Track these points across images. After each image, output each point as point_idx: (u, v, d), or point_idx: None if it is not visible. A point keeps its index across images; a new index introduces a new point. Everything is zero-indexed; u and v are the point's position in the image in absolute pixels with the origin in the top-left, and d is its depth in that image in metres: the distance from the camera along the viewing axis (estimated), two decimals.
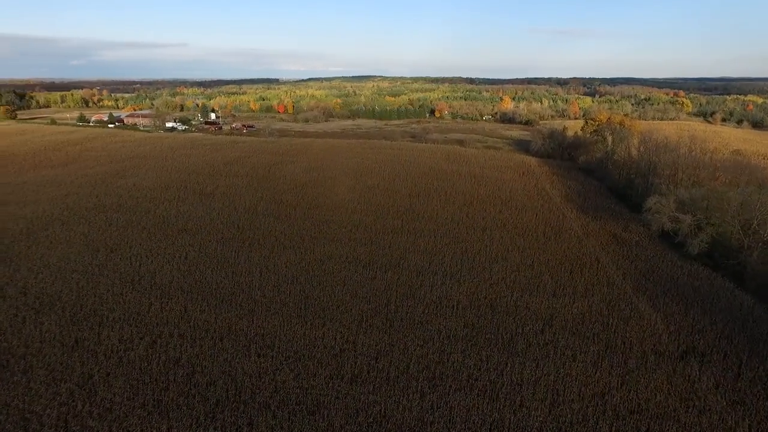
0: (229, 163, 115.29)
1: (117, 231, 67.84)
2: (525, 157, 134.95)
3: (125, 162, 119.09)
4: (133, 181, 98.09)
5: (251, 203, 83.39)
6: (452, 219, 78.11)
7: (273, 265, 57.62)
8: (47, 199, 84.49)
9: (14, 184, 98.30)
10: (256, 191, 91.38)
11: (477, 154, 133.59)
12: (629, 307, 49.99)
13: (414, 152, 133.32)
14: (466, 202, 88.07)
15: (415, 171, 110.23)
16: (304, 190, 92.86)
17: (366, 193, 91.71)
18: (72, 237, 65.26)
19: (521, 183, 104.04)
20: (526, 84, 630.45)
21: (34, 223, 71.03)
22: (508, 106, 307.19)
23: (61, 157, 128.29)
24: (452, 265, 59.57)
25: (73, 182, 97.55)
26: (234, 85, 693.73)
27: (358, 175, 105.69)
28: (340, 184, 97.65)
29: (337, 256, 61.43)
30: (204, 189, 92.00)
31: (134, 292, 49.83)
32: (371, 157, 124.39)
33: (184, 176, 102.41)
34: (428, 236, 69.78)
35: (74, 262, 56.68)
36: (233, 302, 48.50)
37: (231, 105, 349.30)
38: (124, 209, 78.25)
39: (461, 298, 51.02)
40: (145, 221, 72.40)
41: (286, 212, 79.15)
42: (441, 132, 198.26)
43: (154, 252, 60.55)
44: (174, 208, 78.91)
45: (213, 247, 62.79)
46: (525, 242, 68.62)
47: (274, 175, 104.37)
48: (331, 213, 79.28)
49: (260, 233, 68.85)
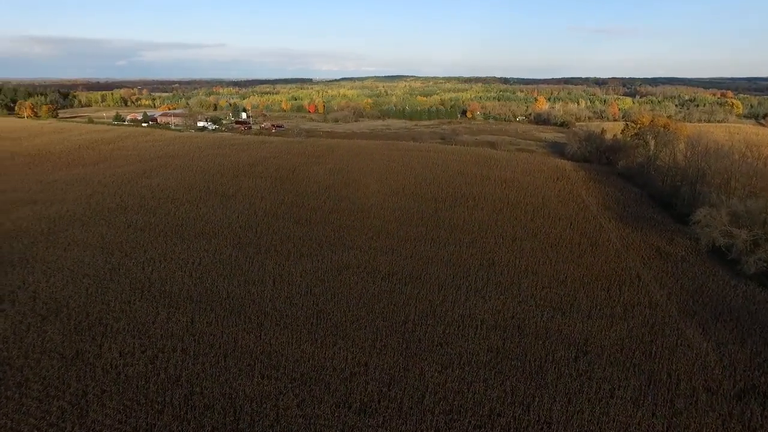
0: (254, 164, 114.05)
1: (134, 233, 66.74)
2: (559, 161, 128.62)
3: (153, 161, 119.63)
4: (158, 181, 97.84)
5: (272, 206, 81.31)
6: (479, 227, 73.78)
7: (287, 274, 54.94)
8: (73, 198, 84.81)
9: (46, 182, 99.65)
10: (278, 193, 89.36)
11: (508, 157, 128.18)
12: (675, 334, 44.77)
13: (442, 155, 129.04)
14: (495, 208, 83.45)
15: (443, 175, 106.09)
16: (327, 193, 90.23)
17: (390, 197, 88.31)
18: (90, 239, 64.49)
19: (555, 189, 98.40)
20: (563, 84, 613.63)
21: (56, 224, 70.88)
22: (542, 106, 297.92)
23: (93, 156, 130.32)
24: (477, 278, 55.43)
25: (100, 182, 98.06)
26: (268, 84, 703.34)
27: (383, 178, 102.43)
28: (364, 188, 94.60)
29: (355, 265, 58.25)
30: (226, 190, 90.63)
31: (142, 300, 48.00)
32: (398, 160, 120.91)
33: (208, 177, 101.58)
34: (453, 246, 65.77)
35: (87, 266, 55.55)
36: (242, 314, 45.95)
37: (263, 104, 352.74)
38: (144, 210, 77.46)
39: (486, 317, 46.95)
40: (164, 224, 71.18)
41: (306, 216, 76.61)
42: (471, 133, 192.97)
43: (168, 257, 58.90)
44: (194, 210, 77.60)
45: (228, 253, 60.69)
46: (558, 255, 63.69)
47: (298, 177, 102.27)
48: (353, 218, 76.25)
49: (278, 238, 66.45)
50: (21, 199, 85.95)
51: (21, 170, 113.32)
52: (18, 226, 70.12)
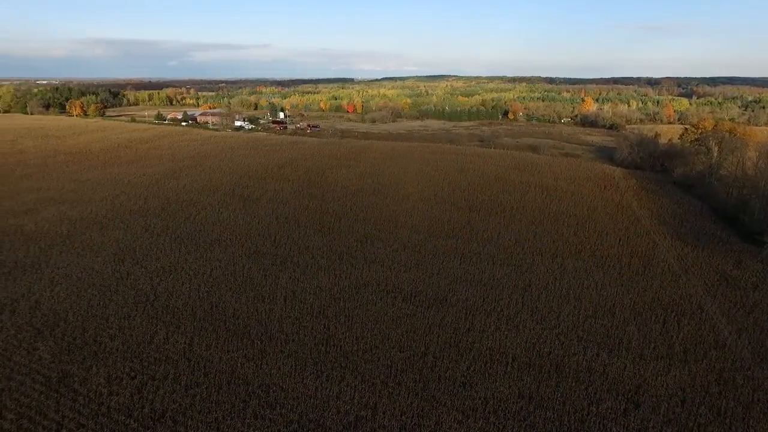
0: (283, 166, 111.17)
1: (150, 239, 64.38)
2: (608, 167, 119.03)
3: (185, 161, 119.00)
4: (185, 182, 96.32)
5: (295, 212, 77.56)
6: (516, 241, 67.21)
7: (300, 291, 50.60)
8: (99, 199, 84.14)
9: (79, 181, 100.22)
10: (303, 198, 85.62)
11: (551, 163, 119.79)
12: (750, 385, 37.25)
13: (480, 158, 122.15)
14: (535, 220, 76.44)
15: (479, 180, 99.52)
16: (354, 199, 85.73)
17: (420, 204, 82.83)
18: (105, 243, 62.56)
19: (602, 199, 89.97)
20: (611, 84, 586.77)
21: (76, 226, 69.73)
22: (590, 107, 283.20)
23: (129, 155, 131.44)
24: (511, 303, 49.25)
25: (129, 182, 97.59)
26: (310, 84, 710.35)
27: (414, 183, 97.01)
28: (394, 194, 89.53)
29: (375, 282, 53.26)
30: (251, 194, 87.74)
31: (143, 316, 44.79)
32: (432, 163, 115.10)
33: (235, 178, 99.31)
34: (486, 262, 59.65)
35: (96, 274, 53.21)
36: (246, 337, 41.87)
37: (302, 104, 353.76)
38: (165, 214, 75.40)
39: (518, 352, 40.87)
40: (182, 229, 68.62)
41: (329, 224, 72.30)
42: (512, 136, 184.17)
43: (178, 266, 55.85)
44: (214, 215, 74.84)
45: (241, 264, 57.05)
46: (605, 277, 56.44)
47: (326, 181, 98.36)
48: (379, 228, 71.33)
49: (296, 249, 62.37)
50: (51, 198, 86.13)
51: (60, 168, 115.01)
52: (40, 228, 69.38)
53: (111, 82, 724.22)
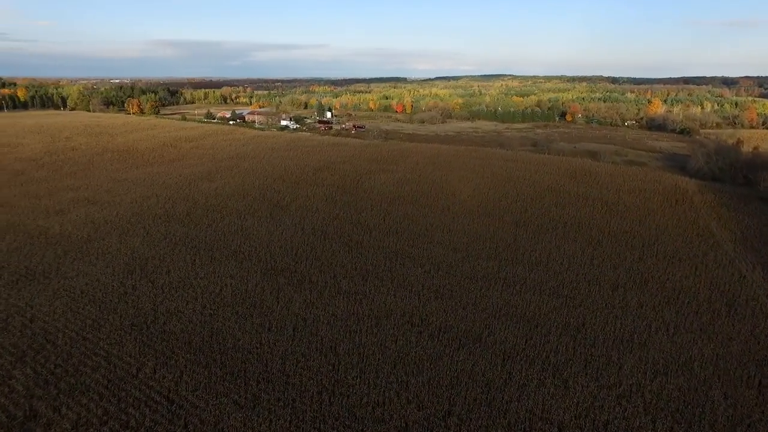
0: (320, 169, 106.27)
1: (166, 248, 60.62)
2: (679, 179, 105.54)
3: (223, 162, 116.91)
4: (217, 185, 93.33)
5: (324, 222, 71.93)
6: (569, 265, 58.12)
7: (313, 319, 44.53)
8: (129, 201, 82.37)
9: (117, 181, 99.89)
10: (335, 206, 79.93)
11: (613, 172, 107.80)
12: None
13: (532, 165, 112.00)
14: (592, 240, 66.71)
15: (529, 191, 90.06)
16: (389, 208, 79.10)
17: (461, 217, 74.96)
18: (120, 251, 59.40)
19: (673, 216, 78.28)
20: (681, 84, 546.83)
21: (98, 230, 67.47)
22: (657, 109, 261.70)
23: (171, 154, 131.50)
24: (559, 348, 40.86)
25: (164, 183, 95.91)
26: (363, 83, 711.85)
27: (457, 191, 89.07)
28: (433, 204, 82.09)
29: (400, 311, 46.34)
30: (281, 199, 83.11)
31: (135, 342, 40.20)
32: (477, 170, 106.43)
33: (268, 182, 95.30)
34: (531, 291, 51.24)
35: (100, 288, 49.62)
36: (240, 377, 36.16)
37: (351, 103, 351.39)
38: (188, 219, 71.94)
39: (567, 420, 32.71)
40: (201, 237, 64.59)
41: (358, 238, 66.05)
42: (569, 140, 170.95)
43: (187, 282, 51.35)
44: (238, 223, 70.50)
45: (255, 282, 51.80)
46: (678, 317, 46.62)
47: (362, 187, 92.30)
48: (412, 243, 64.30)
49: (317, 266, 56.49)
50: (86, 198, 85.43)
51: (104, 167, 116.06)
52: (63, 230, 67.64)
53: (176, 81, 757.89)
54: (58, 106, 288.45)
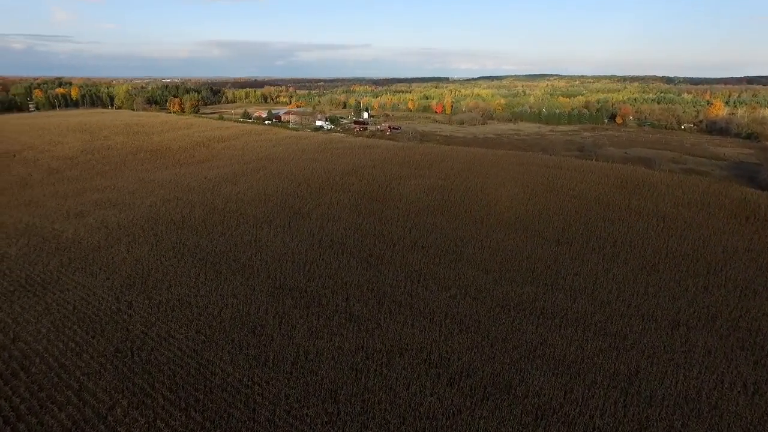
0: (347, 174, 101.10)
1: (173, 260, 56.79)
2: (749, 191, 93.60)
3: (250, 164, 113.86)
4: (239, 188, 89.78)
5: (344, 233, 66.51)
6: (619, 294, 50.13)
7: (315, 353, 38.99)
8: (149, 204, 79.93)
9: (143, 182, 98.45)
10: (359, 215, 74.40)
11: (670, 182, 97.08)
12: None
13: (577, 173, 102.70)
14: (647, 264, 58.10)
15: (573, 203, 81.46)
16: (417, 219, 72.85)
17: (495, 231, 67.74)
18: (125, 261, 56.05)
19: (744, 237, 68.05)
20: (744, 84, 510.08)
21: (110, 236, 64.76)
22: (719, 112, 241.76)
23: (202, 154, 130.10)
24: (607, 407, 33.50)
25: (187, 185, 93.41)
26: (404, 83, 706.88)
27: (492, 201, 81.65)
28: (465, 214, 75.15)
29: (416, 347, 40.14)
30: (303, 207, 78.37)
31: (112, 374, 35.86)
32: (517, 177, 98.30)
33: (292, 186, 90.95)
34: (573, 326, 43.83)
35: (93, 304, 46.02)
36: (219, 428, 31.02)
37: (390, 103, 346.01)
38: (202, 227, 68.24)
39: None
40: (211, 248, 60.49)
41: (380, 252, 60.21)
42: (619, 145, 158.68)
43: (186, 301, 47.03)
44: (253, 233, 66.08)
45: (258, 303, 46.86)
46: (757, 369, 38.12)
47: (390, 194, 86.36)
48: (438, 260, 57.84)
49: (330, 285, 51.05)
50: (108, 200, 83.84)
51: (135, 166, 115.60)
52: (77, 235, 65.40)
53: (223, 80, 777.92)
54: (106, 104, 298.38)
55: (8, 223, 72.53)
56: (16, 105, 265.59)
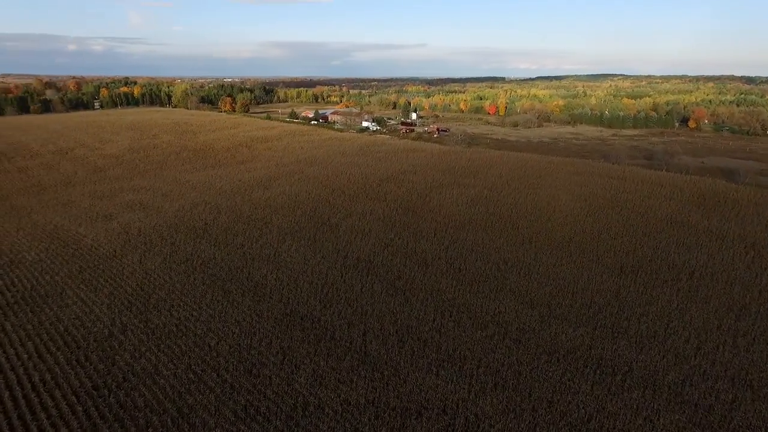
0: (386, 180, 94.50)
1: (182, 275, 52.34)
2: None
3: (288, 167, 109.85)
4: (271, 194, 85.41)
5: (372, 250, 59.92)
6: (699, 345, 40.36)
7: (315, 407, 32.54)
8: (176, 208, 77.02)
9: (178, 183, 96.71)
10: (392, 228, 67.59)
11: (759, 200, 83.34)
12: None
13: (645, 186, 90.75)
14: (734, 304, 47.49)
15: (640, 222, 70.66)
16: (456, 235, 65.13)
17: (545, 254, 58.79)
18: (134, 275, 52.25)
19: None
20: None
21: (128, 243, 61.69)
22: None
23: (243, 155, 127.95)
24: None
25: (219, 188, 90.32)
26: (458, 83, 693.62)
27: (544, 216, 72.36)
28: (512, 232, 66.54)
29: (437, 406, 32.81)
30: (332, 216, 72.55)
31: (82, 417, 31.08)
32: (574, 189, 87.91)
33: (326, 193, 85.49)
34: (639, 388, 34.86)
35: (87, 325, 42.00)
36: None
37: (442, 104, 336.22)
38: (222, 237, 63.84)
39: None
40: (225, 262, 55.67)
41: (410, 274, 53.16)
42: (694, 153, 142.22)
43: (184, 327, 42.04)
44: (275, 247, 60.81)
45: (262, 334, 41.10)
46: None
47: (429, 205, 78.93)
48: (476, 288, 50.03)
49: (348, 314, 44.61)
50: (140, 202, 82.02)
51: (174, 166, 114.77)
52: (96, 241, 62.90)
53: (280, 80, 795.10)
54: (164, 103, 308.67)
55: (39, 224, 71.68)
56: (83, 103, 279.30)
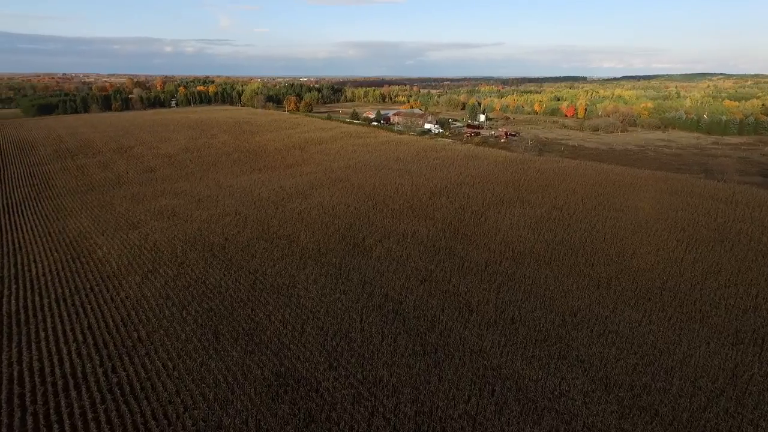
0: (437, 194, 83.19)
1: (177, 306, 44.72)
2: None
3: (335, 173, 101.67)
4: (307, 205, 77.28)
5: (404, 286, 49.25)
6: None
7: None
8: (205, 217, 71.10)
9: (217, 187, 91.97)
10: (434, 257, 56.42)
11: None
12: None
13: (763, 215, 72.36)
14: None
15: (760, 266, 54.03)
16: (512, 271, 52.78)
17: (627, 305, 44.94)
18: (125, 302, 45.48)
19: None
20: None
21: (137, 260, 55.70)
22: None
23: (293, 158, 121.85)
24: None
25: (257, 195, 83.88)
26: (535, 83, 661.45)
27: (627, 251, 57.73)
28: (585, 270, 52.92)
29: None
30: (366, 238, 62.62)
31: None
32: (669, 214, 71.58)
33: (367, 206, 75.90)
34: None
35: (42, 373, 35.15)
36: None
37: (514, 105, 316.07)
38: (237, 258, 55.99)
39: None
40: (228, 294, 47.50)
41: (445, 325, 41.97)
42: None
43: (150, 386, 33.82)
44: (292, 275, 51.88)
45: (241, 403, 31.89)
46: None
47: (483, 227, 66.74)
48: (530, 355, 37.86)
49: (354, 385, 34.32)
50: (172, 208, 77.39)
51: (220, 169, 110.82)
52: (108, 254, 57.70)
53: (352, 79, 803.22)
54: (235, 102, 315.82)
55: (68, 230, 68.68)
56: (160, 102, 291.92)
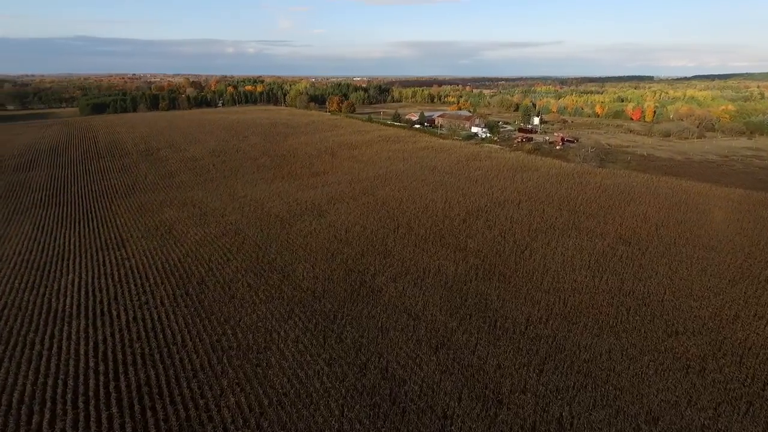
0: (473, 215, 70.20)
1: (99, 376, 35.15)
2: None
3: (360, 184, 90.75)
4: (318, 225, 66.79)
5: (412, 356, 37.21)
6: None
7: None
8: (199, 238, 62.29)
9: (231, 198, 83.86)
10: (459, 309, 43.93)
11: None
12: None
13: None
14: None
15: None
16: (563, 337, 39.55)
17: (729, 402, 30.78)
18: (46, 365, 36.46)
19: None
20: None
21: (93, 298, 47.07)
22: None
23: (321, 165, 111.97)
24: None
25: (267, 211, 74.51)
26: (597, 83, 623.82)
27: (725, 316, 42.75)
28: (666, 344, 38.77)
29: None
30: (377, 274, 50.91)
31: None
32: (756, 250, 55.08)
33: (386, 231, 64.28)
34: None
35: None
36: None
37: (572, 107, 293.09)
38: (211, 299, 46.01)
39: None
40: (184, 355, 37.42)
41: (465, 426, 29.75)
42: None
43: None
44: (266, 332, 41.26)
45: None
46: None
47: (527, 265, 53.25)
48: None
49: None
50: (171, 223, 69.71)
51: (243, 176, 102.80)
52: (70, 285, 49.55)
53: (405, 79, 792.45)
54: (280, 102, 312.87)
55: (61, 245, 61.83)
56: (206, 101, 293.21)
